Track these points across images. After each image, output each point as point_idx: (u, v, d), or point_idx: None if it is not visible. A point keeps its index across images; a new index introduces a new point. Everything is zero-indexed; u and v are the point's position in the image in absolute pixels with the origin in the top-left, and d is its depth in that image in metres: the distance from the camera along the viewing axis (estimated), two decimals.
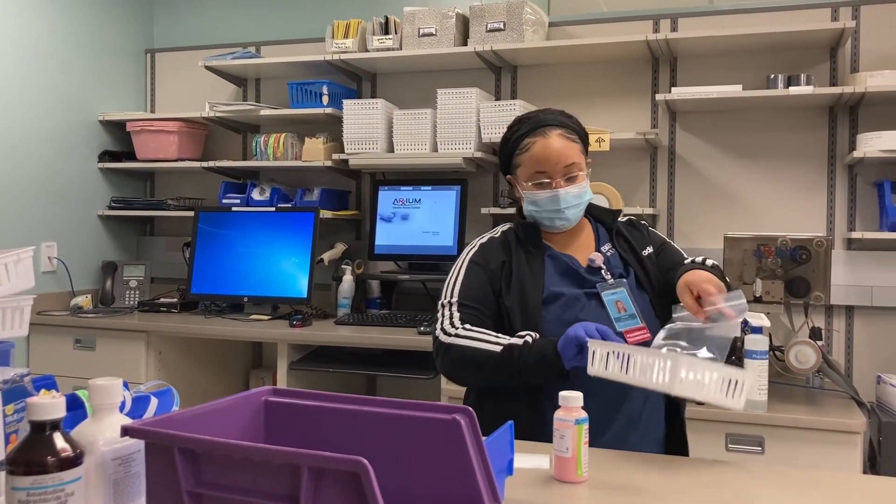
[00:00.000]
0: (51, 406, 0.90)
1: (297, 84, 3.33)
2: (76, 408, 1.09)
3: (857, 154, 2.64)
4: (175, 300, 3.32)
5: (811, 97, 2.73)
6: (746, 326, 2.48)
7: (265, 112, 3.36)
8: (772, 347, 2.43)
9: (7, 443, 1.06)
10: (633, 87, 3.12)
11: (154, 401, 1.21)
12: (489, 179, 3.31)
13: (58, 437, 0.90)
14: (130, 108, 3.76)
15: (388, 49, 3.19)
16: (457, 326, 1.65)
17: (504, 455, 1.16)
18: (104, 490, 0.96)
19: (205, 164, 3.45)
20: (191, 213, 3.38)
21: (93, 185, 3.59)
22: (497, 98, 3.28)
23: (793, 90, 2.70)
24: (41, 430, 0.90)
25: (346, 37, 3.26)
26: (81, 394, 1.11)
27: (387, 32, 3.22)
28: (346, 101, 3.20)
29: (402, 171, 3.34)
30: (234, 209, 3.33)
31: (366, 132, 3.16)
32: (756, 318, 2.49)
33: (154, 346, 3.05)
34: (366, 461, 0.76)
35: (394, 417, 0.98)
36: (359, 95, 3.49)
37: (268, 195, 3.36)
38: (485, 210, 3.10)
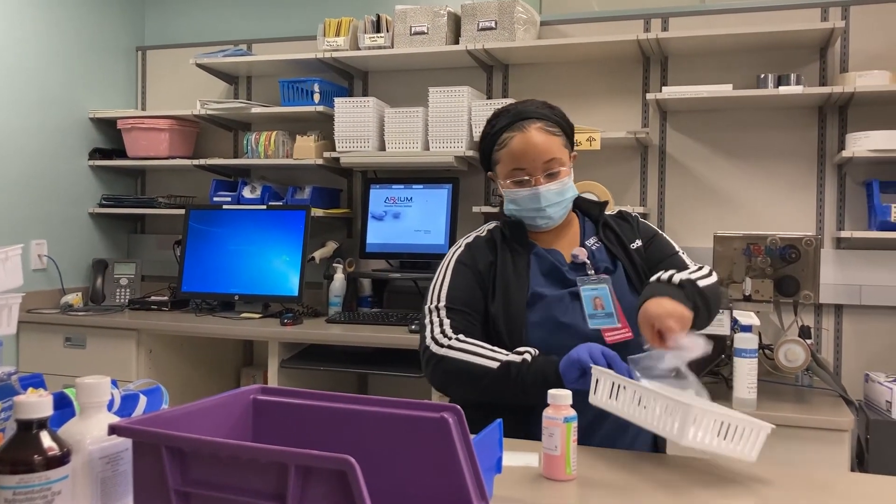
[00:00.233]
0: (37, 405, 0.89)
1: (289, 82, 3.32)
2: (64, 406, 1.09)
3: (846, 154, 2.66)
4: (166, 298, 3.31)
5: (801, 97, 2.74)
6: (736, 325, 2.50)
7: (256, 110, 3.35)
8: (761, 346, 2.44)
9: None
10: (624, 87, 3.13)
11: (143, 399, 1.20)
12: (481, 178, 3.31)
13: (44, 436, 0.90)
14: (121, 106, 3.75)
15: (380, 47, 3.19)
16: (450, 337, 1.59)
17: (493, 453, 1.16)
18: (91, 489, 0.96)
19: (196, 162, 3.44)
20: (182, 211, 3.38)
21: (83, 183, 3.57)
22: (489, 97, 3.28)
23: (783, 90, 2.71)
24: (28, 429, 0.89)
25: (338, 35, 3.26)
26: (69, 392, 1.10)
27: (378, 31, 3.21)
28: (338, 100, 3.20)
29: (394, 170, 3.34)
30: (225, 207, 3.32)
31: (357, 130, 3.16)
32: (745, 317, 2.51)
33: (145, 345, 3.04)
34: (352, 459, 0.76)
35: (382, 416, 0.98)
36: (350, 94, 3.48)
37: (259, 193, 3.36)
38: (476, 209, 3.10)
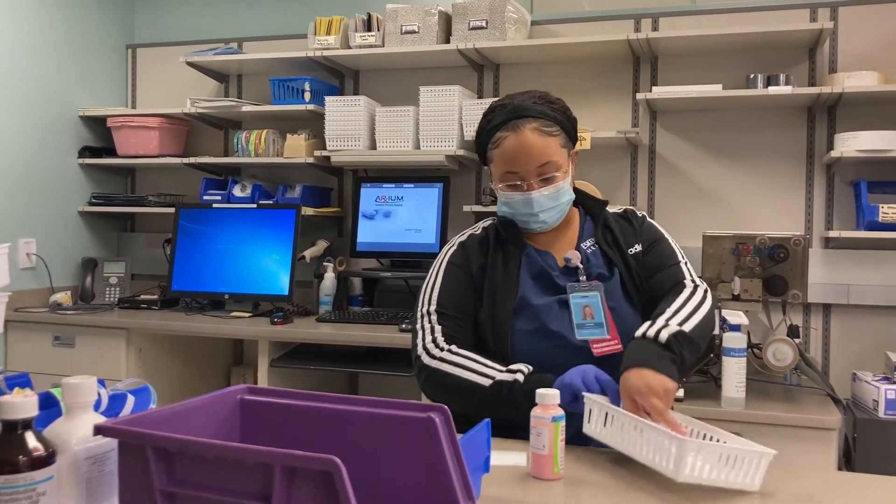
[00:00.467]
0: (22, 405, 0.89)
1: (279, 80, 3.31)
2: (50, 406, 1.09)
3: (835, 154, 2.67)
4: (156, 297, 3.30)
5: (790, 97, 2.75)
6: (725, 324, 2.51)
7: (247, 108, 3.35)
8: (750, 345, 2.46)
9: None
10: (615, 86, 3.13)
11: (131, 399, 1.20)
12: (472, 177, 3.31)
13: (29, 437, 0.89)
14: (111, 104, 3.74)
15: (371, 46, 3.19)
16: (441, 347, 1.55)
17: (480, 452, 1.16)
18: (77, 489, 0.95)
19: (186, 161, 3.43)
20: (171, 210, 3.37)
21: (73, 181, 3.56)
22: (480, 96, 3.28)
23: (772, 90, 2.72)
24: (13, 430, 0.89)
25: (329, 34, 3.25)
26: (56, 392, 1.10)
27: (369, 29, 3.21)
28: (329, 98, 3.20)
29: (385, 169, 3.34)
30: (216, 206, 3.31)
31: (348, 129, 3.16)
32: (734, 316, 2.52)
33: (134, 344, 3.03)
34: (337, 460, 0.76)
35: (369, 416, 0.98)
36: (341, 92, 3.48)
37: (249, 192, 3.35)
38: (467, 208, 3.11)
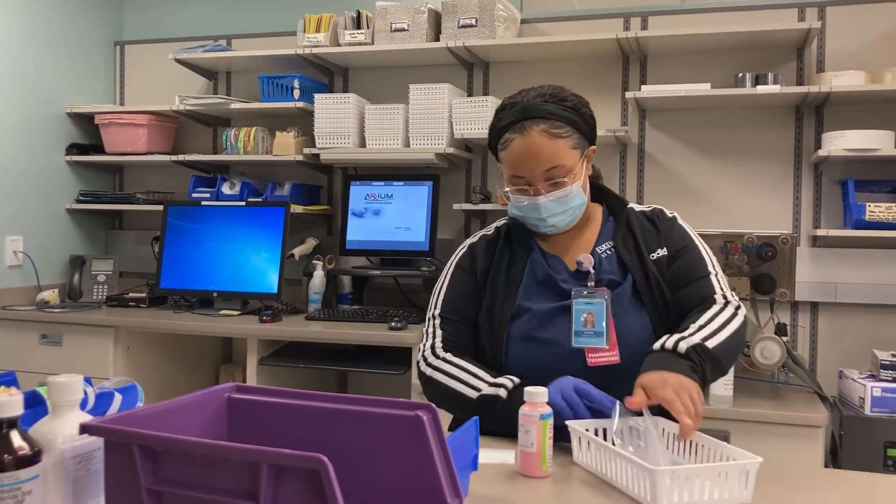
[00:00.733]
0: (7, 404, 0.89)
1: (269, 78, 3.30)
2: (37, 405, 1.08)
3: (822, 153, 2.68)
4: (144, 295, 3.29)
5: (778, 96, 2.76)
6: None
7: (236, 106, 3.33)
8: None
9: None
10: (604, 85, 3.14)
11: (118, 397, 1.20)
12: (461, 175, 3.31)
13: (15, 436, 0.89)
14: (99, 101, 3.72)
15: (360, 44, 3.18)
16: (437, 355, 1.56)
17: (469, 451, 1.16)
18: (63, 488, 0.95)
19: (174, 158, 3.42)
20: (160, 207, 3.35)
21: (60, 179, 3.54)
22: (469, 94, 3.28)
23: (760, 89, 2.73)
24: None
25: (318, 31, 3.25)
26: (42, 390, 1.09)
27: (359, 27, 3.20)
28: (318, 96, 3.19)
29: (374, 167, 3.33)
30: (204, 203, 3.30)
31: (337, 127, 3.15)
32: None
33: (122, 342, 3.01)
34: (324, 458, 0.76)
35: (357, 414, 0.98)
36: (330, 90, 3.47)
37: (238, 189, 3.34)
38: (457, 206, 3.11)
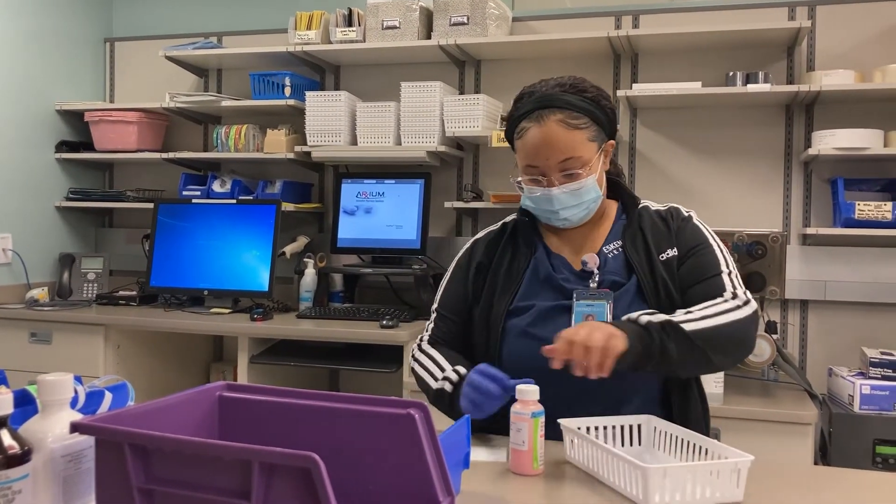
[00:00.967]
0: None
1: (260, 75, 3.29)
2: (27, 403, 1.08)
3: (812, 151, 2.70)
4: (134, 293, 3.27)
5: (769, 95, 2.77)
6: None
7: (226, 103, 3.32)
8: None
9: None
10: (595, 83, 3.13)
11: (108, 396, 1.19)
12: (453, 173, 3.31)
13: (4, 435, 0.89)
14: (89, 98, 3.70)
15: (352, 41, 3.17)
16: (423, 349, 1.61)
17: (461, 449, 1.17)
18: (53, 487, 0.95)
19: (165, 156, 3.40)
20: (150, 205, 3.34)
21: (50, 176, 3.52)
22: (461, 92, 3.28)
23: (751, 88, 2.74)
24: None
25: (310, 28, 3.24)
26: (32, 389, 1.09)
27: (350, 24, 3.20)
28: (309, 93, 3.18)
29: (366, 164, 3.33)
30: (195, 201, 3.29)
31: (329, 124, 3.15)
32: None
33: (112, 340, 3.00)
34: (316, 456, 0.76)
35: (348, 413, 0.98)
36: (322, 87, 3.47)
37: (229, 187, 3.33)
38: (448, 204, 3.11)
